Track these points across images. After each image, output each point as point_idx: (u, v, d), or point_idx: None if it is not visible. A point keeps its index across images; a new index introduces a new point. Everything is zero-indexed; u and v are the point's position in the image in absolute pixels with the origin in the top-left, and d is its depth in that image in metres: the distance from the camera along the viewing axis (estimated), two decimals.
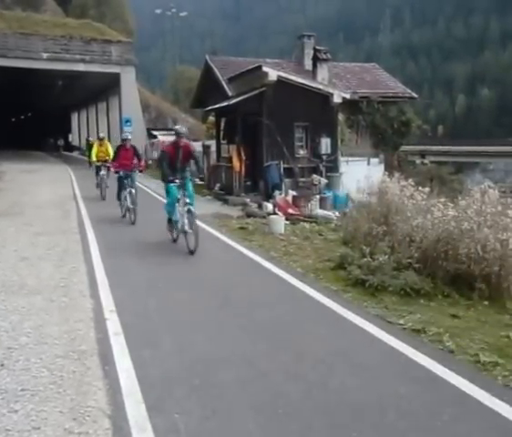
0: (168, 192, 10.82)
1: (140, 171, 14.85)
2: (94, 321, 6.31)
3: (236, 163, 18.47)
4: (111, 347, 5.54)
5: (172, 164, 10.56)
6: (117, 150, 14.52)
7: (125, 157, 14.11)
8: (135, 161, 14.23)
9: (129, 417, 4.17)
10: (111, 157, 16.57)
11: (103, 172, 18.03)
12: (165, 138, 37.22)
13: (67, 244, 10.80)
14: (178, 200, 10.46)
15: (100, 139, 19.86)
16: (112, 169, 15.15)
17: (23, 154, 45.94)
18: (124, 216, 13.81)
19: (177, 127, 11.88)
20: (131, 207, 13.26)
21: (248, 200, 17.21)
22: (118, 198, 14.26)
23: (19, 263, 9.18)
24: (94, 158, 19.02)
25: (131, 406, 4.33)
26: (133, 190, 13.41)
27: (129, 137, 14.57)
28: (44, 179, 25.36)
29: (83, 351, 5.43)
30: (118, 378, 4.83)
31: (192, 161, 11.02)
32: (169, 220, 11.00)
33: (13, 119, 69.12)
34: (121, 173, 13.96)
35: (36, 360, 5.22)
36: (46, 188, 21.14)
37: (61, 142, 56.83)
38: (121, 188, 14.00)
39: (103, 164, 18.25)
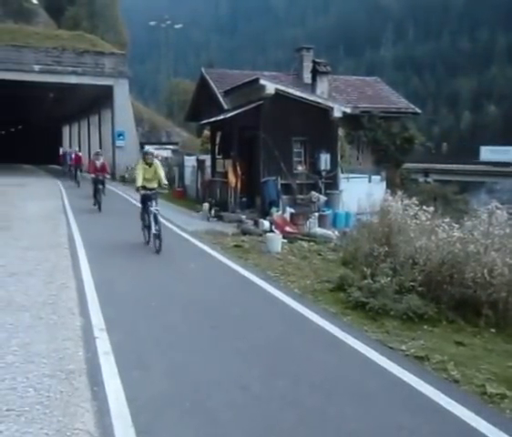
0: None
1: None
2: (83, 340, 6.17)
3: (232, 178, 18.21)
4: (100, 367, 5.43)
5: None
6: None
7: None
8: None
9: None
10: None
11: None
12: (158, 152, 36.83)
13: (57, 259, 10.60)
14: None
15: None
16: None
17: (12, 167, 45.10)
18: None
19: None
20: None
21: (243, 217, 16.76)
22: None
23: (7, 279, 8.96)
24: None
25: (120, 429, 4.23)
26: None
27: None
28: (34, 194, 24.93)
29: (71, 371, 5.31)
30: (107, 399, 4.70)
31: None
32: None
33: (2, 132, 68.24)
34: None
35: (23, 379, 5.12)
36: (37, 203, 20.76)
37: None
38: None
39: None
